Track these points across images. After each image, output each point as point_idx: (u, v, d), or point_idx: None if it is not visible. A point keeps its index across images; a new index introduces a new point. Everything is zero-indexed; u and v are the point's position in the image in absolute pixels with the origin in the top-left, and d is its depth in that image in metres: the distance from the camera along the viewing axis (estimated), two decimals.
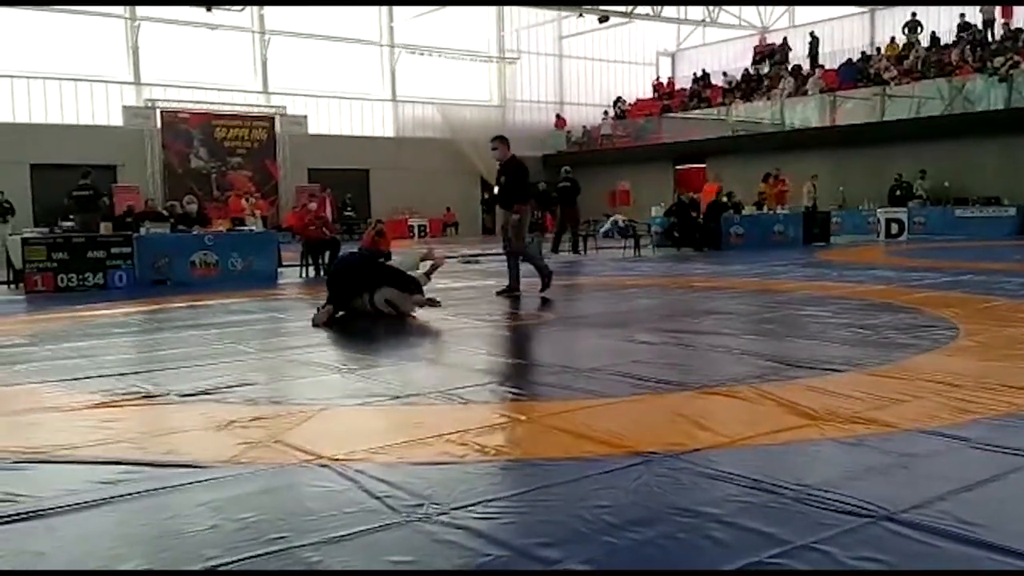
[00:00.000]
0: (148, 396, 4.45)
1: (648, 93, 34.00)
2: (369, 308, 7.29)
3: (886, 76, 24.18)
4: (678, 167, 28.28)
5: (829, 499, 2.64)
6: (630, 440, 3.36)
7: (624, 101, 33.14)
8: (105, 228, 12.10)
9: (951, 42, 24.89)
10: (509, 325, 7.28)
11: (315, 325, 7.04)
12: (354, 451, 3.27)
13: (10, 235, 13.05)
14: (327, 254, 13.10)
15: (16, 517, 2.67)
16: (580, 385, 4.46)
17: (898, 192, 21.68)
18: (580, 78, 33.54)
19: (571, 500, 2.71)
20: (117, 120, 23.77)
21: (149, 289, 10.94)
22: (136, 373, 5.10)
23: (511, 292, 9.04)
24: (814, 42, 28.31)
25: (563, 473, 2.98)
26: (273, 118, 26.25)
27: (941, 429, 3.42)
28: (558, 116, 32.60)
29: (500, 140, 9.14)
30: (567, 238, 17.78)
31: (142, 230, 11.89)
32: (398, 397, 4.29)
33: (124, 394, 4.48)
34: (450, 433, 3.54)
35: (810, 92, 25.44)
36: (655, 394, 4.23)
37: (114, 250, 11.29)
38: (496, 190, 9.30)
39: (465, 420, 3.85)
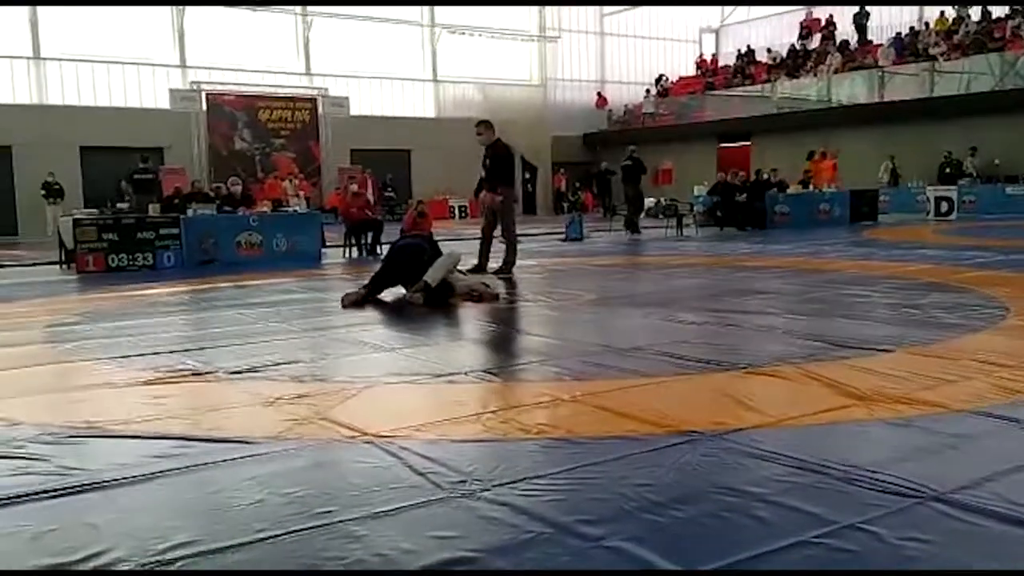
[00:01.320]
0: (197, 373, 4.53)
1: (691, 71, 33.58)
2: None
3: (935, 51, 23.59)
4: (722, 145, 27.96)
5: (876, 479, 2.61)
6: (673, 419, 3.34)
7: (666, 79, 32.77)
8: (153, 209, 12.30)
9: (1003, 16, 24.18)
10: (551, 304, 7.28)
11: (344, 306, 7.08)
12: (398, 428, 3.30)
13: (61, 216, 13.32)
14: (369, 235, 13.20)
15: (71, 490, 2.74)
16: (622, 364, 4.45)
17: (947, 170, 21.22)
18: (622, 56, 33.22)
19: (613, 478, 2.71)
20: (164, 103, 24.08)
21: (196, 269, 11.12)
22: (185, 351, 5.19)
23: (479, 270, 9.15)
24: (863, 16, 27.68)
25: (605, 451, 2.98)
26: (315, 99, 26.38)
27: (990, 409, 3.36)
28: (599, 95, 32.34)
29: (484, 124, 9.39)
30: (616, 215, 17.78)
31: (189, 211, 12.05)
32: (440, 375, 4.32)
33: (173, 371, 4.57)
34: (492, 411, 3.57)
35: (881, 62, 24.71)
36: (698, 374, 4.21)
37: (163, 231, 11.48)
38: (482, 174, 9.41)
39: (507, 399, 3.87)
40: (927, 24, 26.14)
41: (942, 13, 25.65)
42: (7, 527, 2.45)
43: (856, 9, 27.79)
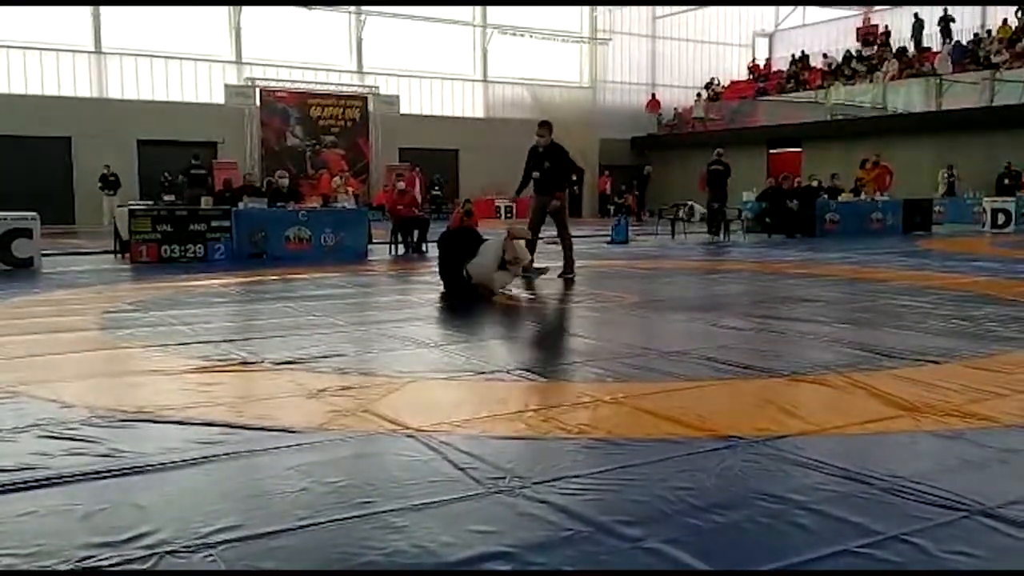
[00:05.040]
0: (244, 363, 4.61)
1: (743, 75, 33.22)
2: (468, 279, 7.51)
3: (997, 59, 23.04)
4: (772, 151, 27.62)
5: (922, 491, 2.57)
6: (715, 424, 3.32)
7: (718, 83, 32.45)
8: (205, 202, 12.51)
9: None
10: (594, 306, 7.26)
11: (494, 292, 7.37)
12: (439, 423, 3.33)
13: (118, 207, 13.61)
14: (416, 232, 13.28)
15: (120, 471, 2.81)
16: (665, 368, 4.43)
17: (1006, 180, 20.73)
18: (673, 59, 32.93)
19: (654, 480, 2.70)
20: (219, 98, 24.47)
21: (246, 261, 11.29)
22: (233, 341, 5.29)
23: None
24: (918, 24, 27.15)
25: (646, 453, 2.97)
26: (366, 98, 26.63)
27: None
28: (652, 96, 32.08)
29: (547, 127, 9.21)
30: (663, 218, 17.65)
31: (241, 205, 12.23)
32: (482, 373, 4.34)
33: (222, 360, 4.65)
34: (533, 410, 3.57)
35: (938, 69, 24.17)
36: (741, 379, 4.17)
37: (214, 223, 11.67)
38: (536, 175, 9.29)
39: (549, 398, 3.88)
40: (989, 32, 25.55)
41: (1005, 21, 25.05)
42: (59, 505, 2.52)
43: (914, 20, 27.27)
